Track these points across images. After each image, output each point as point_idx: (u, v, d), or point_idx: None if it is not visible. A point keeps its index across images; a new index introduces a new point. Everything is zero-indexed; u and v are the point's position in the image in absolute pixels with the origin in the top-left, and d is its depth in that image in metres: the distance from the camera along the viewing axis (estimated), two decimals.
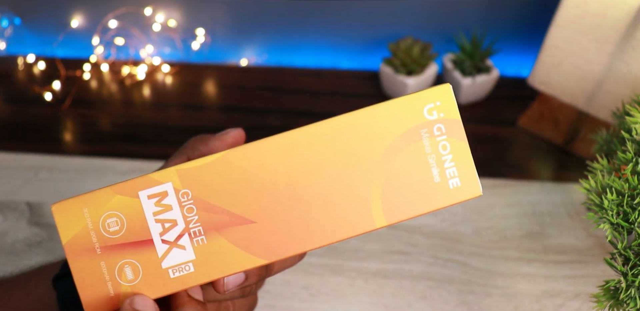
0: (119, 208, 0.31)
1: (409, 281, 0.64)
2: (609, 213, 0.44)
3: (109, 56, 0.90)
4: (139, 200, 0.31)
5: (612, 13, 0.64)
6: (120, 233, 0.31)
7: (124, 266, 0.32)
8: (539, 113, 0.81)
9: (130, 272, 0.31)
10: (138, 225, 0.31)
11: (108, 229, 0.31)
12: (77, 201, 0.32)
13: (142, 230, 0.31)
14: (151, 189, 0.31)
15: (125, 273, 0.32)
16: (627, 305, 0.43)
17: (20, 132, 0.80)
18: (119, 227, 0.31)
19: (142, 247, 0.32)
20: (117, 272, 0.32)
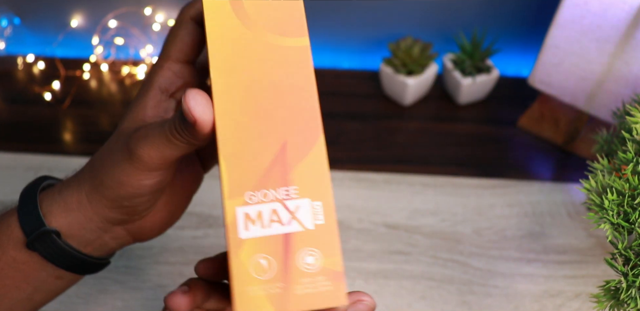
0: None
1: (409, 282, 0.64)
2: (610, 213, 0.44)
3: (109, 56, 0.90)
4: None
5: (612, 13, 0.64)
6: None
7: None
8: (539, 113, 0.81)
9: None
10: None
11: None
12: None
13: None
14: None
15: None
16: (628, 305, 0.43)
17: (20, 132, 0.80)
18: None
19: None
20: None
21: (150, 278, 0.65)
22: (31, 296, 0.40)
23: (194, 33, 0.38)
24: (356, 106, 0.84)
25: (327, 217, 0.29)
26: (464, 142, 0.79)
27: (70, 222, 0.38)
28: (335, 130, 0.80)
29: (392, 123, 0.82)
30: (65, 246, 0.38)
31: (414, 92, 0.81)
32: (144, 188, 0.36)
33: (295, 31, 0.31)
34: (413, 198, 0.72)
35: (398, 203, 0.72)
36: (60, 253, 0.38)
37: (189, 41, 0.38)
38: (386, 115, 0.83)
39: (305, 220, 0.29)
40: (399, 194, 0.73)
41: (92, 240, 0.39)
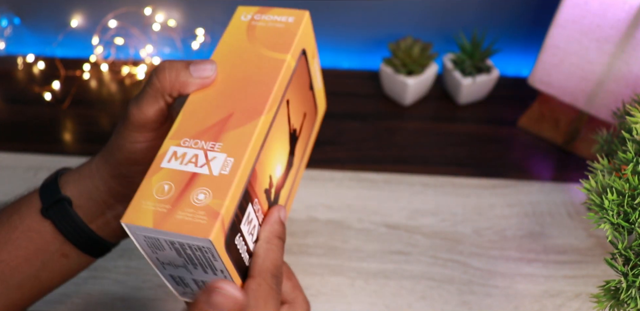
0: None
1: (409, 282, 0.64)
2: (610, 213, 0.44)
3: (109, 56, 0.90)
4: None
5: (612, 13, 0.64)
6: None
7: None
8: (540, 113, 0.81)
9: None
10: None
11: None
12: None
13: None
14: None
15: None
16: (628, 305, 0.43)
17: (19, 132, 0.80)
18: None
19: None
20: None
21: (150, 278, 0.64)
22: (38, 274, 0.43)
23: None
24: (356, 106, 0.84)
25: (233, 170, 0.35)
26: (464, 142, 0.79)
27: (80, 190, 0.43)
28: (335, 130, 0.80)
29: (392, 123, 0.82)
30: (74, 215, 0.42)
31: (414, 92, 0.81)
32: (138, 153, 0.41)
33: (281, 49, 0.41)
34: (413, 198, 0.72)
35: (398, 203, 0.72)
36: (70, 223, 0.42)
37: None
38: (386, 115, 0.83)
39: (214, 168, 0.35)
40: (399, 194, 0.73)
41: (97, 216, 0.43)
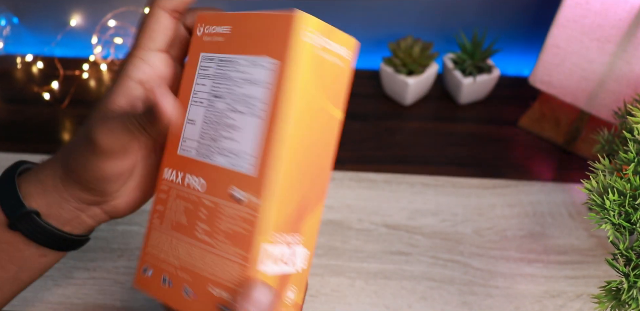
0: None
1: (410, 282, 0.64)
2: (611, 214, 0.44)
3: (108, 55, 0.90)
4: None
5: (613, 12, 0.64)
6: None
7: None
8: (540, 113, 0.81)
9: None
10: None
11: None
12: None
13: None
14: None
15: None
16: (629, 306, 0.43)
17: (18, 132, 0.80)
18: None
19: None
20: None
21: None
22: (17, 275, 0.42)
23: (164, 22, 0.40)
24: (356, 106, 0.83)
25: (308, 263, 0.38)
26: (464, 142, 0.79)
27: (48, 202, 0.40)
28: None
29: (392, 123, 0.82)
30: (45, 225, 0.40)
31: (414, 91, 0.81)
32: (107, 174, 0.38)
33: (337, 101, 0.38)
34: (413, 198, 0.72)
35: (398, 203, 0.71)
36: (42, 232, 0.40)
37: (158, 29, 0.40)
38: (386, 115, 0.82)
39: (298, 264, 0.37)
40: (399, 194, 0.72)
41: (70, 219, 0.41)
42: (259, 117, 0.35)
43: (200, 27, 0.39)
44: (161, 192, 0.39)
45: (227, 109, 0.37)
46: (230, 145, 0.36)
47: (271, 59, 0.35)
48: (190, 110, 0.38)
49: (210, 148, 0.37)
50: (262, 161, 0.35)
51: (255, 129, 0.35)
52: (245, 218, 0.35)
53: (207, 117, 0.37)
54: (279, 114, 0.34)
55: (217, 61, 0.38)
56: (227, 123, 0.37)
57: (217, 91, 0.37)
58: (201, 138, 0.38)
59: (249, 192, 0.35)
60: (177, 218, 0.38)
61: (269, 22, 0.36)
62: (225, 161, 0.36)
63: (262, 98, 0.35)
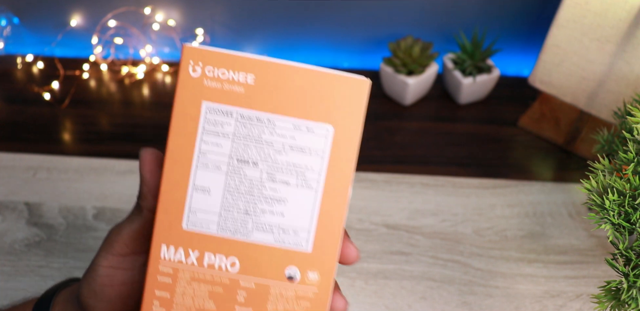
0: None
1: (410, 282, 0.64)
2: (611, 214, 0.44)
3: (108, 56, 0.90)
4: None
5: (613, 12, 0.64)
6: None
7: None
8: (540, 113, 0.81)
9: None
10: None
11: None
12: None
13: None
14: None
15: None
16: (629, 305, 0.43)
17: (18, 132, 0.80)
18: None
19: None
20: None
21: None
22: None
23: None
24: None
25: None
26: (464, 142, 0.79)
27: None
28: None
29: (392, 123, 0.82)
30: None
31: (414, 91, 0.81)
32: (107, 284, 0.36)
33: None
34: (413, 198, 0.72)
35: (398, 203, 0.71)
36: None
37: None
38: (386, 115, 0.82)
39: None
40: (399, 194, 0.72)
41: None
42: (312, 188, 0.32)
43: (196, 66, 0.32)
44: (161, 275, 0.33)
45: (265, 179, 0.32)
46: (274, 219, 0.32)
47: (329, 126, 0.32)
48: (198, 175, 0.32)
49: (244, 223, 0.33)
50: (321, 237, 0.32)
51: (308, 202, 0.32)
52: (303, 296, 0.33)
53: (233, 186, 0.32)
54: (340, 187, 0.32)
55: (237, 117, 0.32)
56: (266, 195, 0.32)
57: (244, 155, 0.32)
58: (226, 211, 0.33)
59: (307, 269, 0.32)
60: (198, 304, 0.33)
61: (326, 82, 0.32)
62: (269, 238, 0.32)
63: (316, 168, 0.32)
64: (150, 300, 0.33)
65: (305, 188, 0.32)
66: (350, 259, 0.34)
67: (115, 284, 0.35)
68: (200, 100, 0.32)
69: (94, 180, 0.73)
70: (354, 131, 0.32)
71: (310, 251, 0.32)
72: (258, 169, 0.32)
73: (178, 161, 0.32)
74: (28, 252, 0.65)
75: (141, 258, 0.36)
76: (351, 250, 0.34)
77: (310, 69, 0.31)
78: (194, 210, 0.33)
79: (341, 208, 0.32)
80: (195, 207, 0.33)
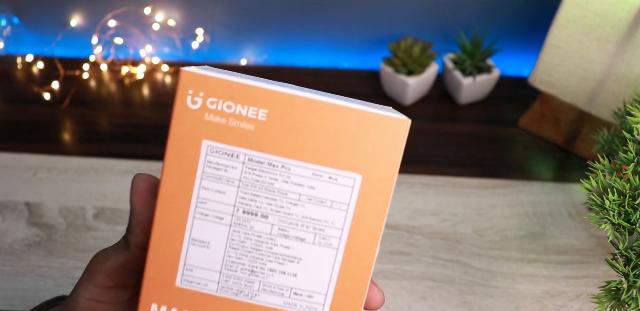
0: None
1: (410, 282, 0.64)
2: (610, 214, 0.44)
3: (108, 56, 0.90)
4: None
5: (613, 12, 0.64)
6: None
7: None
8: (540, 113, 0.81)
9: None
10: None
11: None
12: None
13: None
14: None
15: None
16: (629, 305, 0.43)
17: (19, 132, 0.80)
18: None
19: None
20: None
21: None
22: None
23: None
24: None
25: None
26: (464, 142, 0.79)
27: None
28: None
29: None
30: None
31: (414, 91, 0.81)
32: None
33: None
34: (413, 198, 0.72)
35: (398, 203, 0.71)
36: None
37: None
38: None
39: None
40: (400, 194, 0.72)
41: None
42: (332, 247, 0.28)
43: (195, 97, 0.27)
44: None
45: (276, 234, 0.28)
46: (284, 280, 0.28)
47: (357, 175, 0.27)
48: (195, 227, 0.28)
49: (249, 283, 0.28)
50: (340, 302, 0.28)
51: (326, 263, 0.28)
52: None
53: (237, 241, 0.28)
54: (366, 247, 0.28)
55: (244, 160, 0.27)
56: (277, 253, 0.28)
57: (252, 206, 0.27)
58: (228, 268, 0.28)
59: None
60: None
61: (356, 121, 0.26)
62: (279, 300, 0.28)
63: (338, 224, 0.27)
64: None
65: (323, 247, 0.28)
66: (374, 304, 0.31)
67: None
68: (200, 138, 0.27)
69: (94, 180, 0.73)
70: (386, 181, 0.27)
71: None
72: (268, 223, 0.28)
73: (172, 208, 0.27)
74: (28, 252, 0.65)
75: (126, 292, 0.32)
76: (376, 294, 0.31)
77: (337, 105, 0.26)
78: (190, 267, 0.28)
79: (365, 271, 0.28)
80: (192, 262, 0.28)
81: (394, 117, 0.26)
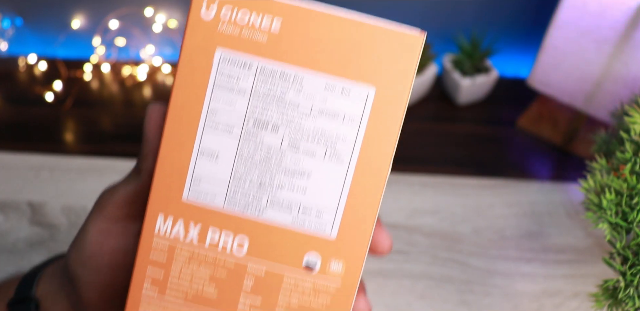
0: None
1: (409, 281, 0.65)
2: (608, 213, 0.45)
3: (110, 56, 0.91)
4: None
5: (611, 14, 0.64)
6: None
7: None
8: (538, 113, 0.81)
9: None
10: None
11: None
12: None
13: None
14: None
15: None
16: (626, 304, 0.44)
17: (21, 133, 0.80)
18: None
19: None
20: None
21: None
22: None
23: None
24: None
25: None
26: (463, 142, 0.80)
27: (47, 290, 0.36)
28: None
29: None
30: None
31: (413, 92, 0.81)
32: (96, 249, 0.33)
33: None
34: (412, 198, 0.72)
35: (397, 203, 0.72)
36: None
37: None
38: None
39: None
40: (399, 194, 0.73)
41: None
42: (342, 162, 0.27)
43: (211, 4, 0.26)
44: (154, 251, 0.28)
45: (286, 147, 0.27)
46: (293, 196, 0.27)
47: (371, 87, 0.26)
48: (205, 138, 0.27)
49: (257, 198, 0.28)
50: (350, 221, 0.27)
51: (337, 179, 0.27)
52: (323, 289, 0.28)
53: (246, 153, 0.27)
54: (378, 163, 0.27)
55: (258, 70, 0.27)
56: (287, 167, 0.27)
57: (263, 118, 0.27)
58: (236, 181, 0.28)
59: (330, 258, 0.28)
60: (196, 289, 0.28)
61: (370, 36, 0.26)
62: (287, 218, 0.28)
63: (350, 138, 0.27)
64: (141, 279, 0.29)
65: (334, 162, 0.27)
66: (381, 248, 0.30)
67: (105, 252, 0.31)
68: (213, 47, 0.26)
69: (96, 180, 0.73)
70: (400, 95, 0.26)
71: (334, 237, 0.27)
72: (278, 135, 0.27)
73: (182, 119, 0.27)
74: (31, 251, 0.66)
75: (135, 225, 0.31)
76: (383, 238, 0.30)
77: (353, 20, 0.26)
78: (198, 178, 0.28)
79: (376, 189, 0.27)
80: (200, 174, 0.28)
81: (409, 33, 0.26)
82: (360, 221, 0.27)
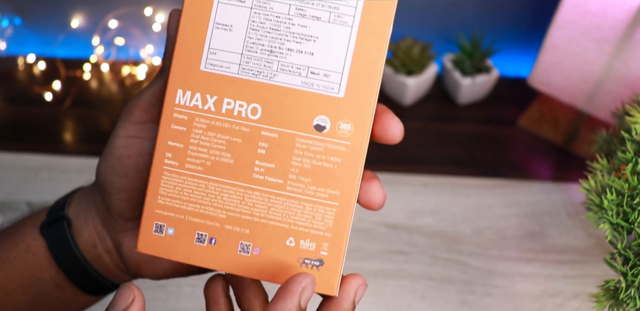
0: None
1: (409, 281, 0.65)
2: (609, 213, 0.45)
3: (109, 56, 0.91)
4: None
5: (611, 13, 0.64)
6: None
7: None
8: (539, 113, 0.81)
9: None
10: None
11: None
12: None
13: None
14: None
15: None
16: (627, 304, 0.43)
17: (20, 132, 0.80)
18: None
19: None
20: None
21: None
22: (32, 304, 0.39)
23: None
24: None
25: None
26: (463, 142, 0.79)
27: (78, 210, 0.39)
28: None
29: None
30: (69, 238, 0.38)
31: (413, 92, 0.81)
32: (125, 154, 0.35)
33: None
34: (413, 198, 0.72)
35: (398, 203, 0.72)
36: (63, 247, 0.38)
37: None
38: None
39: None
40: (399, 194, 0.73)
41: (91, 245, 0.39)
42: (346, 25, 0.29)
43: None
44: (175, 122, 0.30)
45: (293, 13, 0.29)
46: (302, 59, 0.29)
47: None
48: (219, 11, 0.29)
49: (268, 64, 0.29)
50: (356, 81, 0.29)
51: (341, 40, 0.29)
52: (333, 150, 0.29)
53: (257, 22, 0.29)
54: (379, 25, 0.29)
55: None
56: (295, 32, 0.29)
57: None
58: (248, 50, 0.29)
59: (339, 119, 0.29)
60: (214, 156, 0.30)
61: None
62: (296, 80, 0.29)
63: (351, 2, 0.29)
64: (163, 151, 0.30)
65: (338, 25, 0.28)
66: (374, 201, 0.31)
67: (132, 154, 0.33)
68: None
69: None
70: None
71: (342, 96, 0.29)
72: (286, 3, 0.29)
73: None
74: None
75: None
76: (376, 190, 0.31)
77: None
78: (214, 50, 0.29)
79: (379, 50, 0.28)
80: (216, 46, 0.29)
81: None
82: (365, 81, 0.29)
